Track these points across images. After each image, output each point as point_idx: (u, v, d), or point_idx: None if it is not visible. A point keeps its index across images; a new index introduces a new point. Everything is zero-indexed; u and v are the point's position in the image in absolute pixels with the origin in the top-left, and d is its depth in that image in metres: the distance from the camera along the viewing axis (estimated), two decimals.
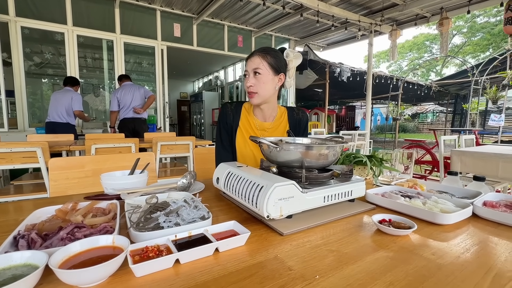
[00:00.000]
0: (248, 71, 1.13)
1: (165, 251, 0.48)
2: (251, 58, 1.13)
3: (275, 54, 1.14)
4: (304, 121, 1.30)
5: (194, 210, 0.64)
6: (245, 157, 1.22)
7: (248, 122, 1.24)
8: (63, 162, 1.24)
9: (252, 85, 1.11)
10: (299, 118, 1.28)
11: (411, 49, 20.89)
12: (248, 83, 1.12)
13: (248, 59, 1.14)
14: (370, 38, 5.35)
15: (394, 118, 7.65)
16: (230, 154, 1.22)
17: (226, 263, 0.49)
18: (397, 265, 0.49)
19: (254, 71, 1.11)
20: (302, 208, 0.68)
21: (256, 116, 1.25)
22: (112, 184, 0.79)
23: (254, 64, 1.11)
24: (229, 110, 1.23)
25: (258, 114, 1.25)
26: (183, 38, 5.60)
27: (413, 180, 1.03)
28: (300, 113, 1.30)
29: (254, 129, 1.23)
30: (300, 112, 1.30)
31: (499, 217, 0.70)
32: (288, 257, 0.51)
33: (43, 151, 2.16)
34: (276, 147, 0.77)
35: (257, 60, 1.11)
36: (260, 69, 1.10)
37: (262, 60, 1.11)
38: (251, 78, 1.11)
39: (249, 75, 1.12)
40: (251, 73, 1.12)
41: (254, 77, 1.11)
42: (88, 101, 5.41)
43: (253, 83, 1.11)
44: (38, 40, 4.58)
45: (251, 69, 1.11)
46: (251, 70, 1.12)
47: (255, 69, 1.10)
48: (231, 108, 1.24)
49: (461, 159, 2.63)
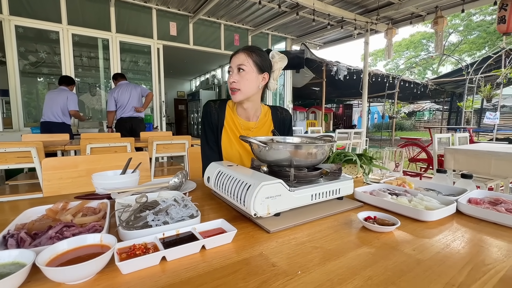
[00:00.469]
0: (232, 67, 1.12)
1: (152, 249, 0.50)
2: (236, 54, 1.12)
3: (261, 53, 1.13)
4: (288, 120, 1.30)
5: (183, 209, 0.66)
6: (231, 157, 1.21)
7: (233, 121, 1.22)
8: (56, 162, 1.24)
9: (235, 81, 1.09)
10: (283, 117, 1.29)
11: (408, 48, 20.98)
12: (231, 79, 1.10)
13: (233, 56, 1.13)
14: (366, 36, 5.37)
15: (390, 117, 7.70)
16: (216, 154, 1.20)
17: (211, 260, 0.50)
18: (377, 260, 0.51)
19: (238, 67, 1.09)
20: (289, 206, 0.70)
21: (240, 115, 1.24)
22: (103, 184, 0.80)
23: (239, 60, 1.10)
24: (213, 109, 1.20)
25: (242, 114, 1.24)
26: (180, 37, 5.59)
27: (402, 178, 1.04)
28: (283, 112, 1.30)
29: (239, 129, 1.22)
30: (283, 111, 1.30)
31: (481, 214, 0.72)
32: (273, 253, 0.53)
33: (38, 151, 2.16)
34: (265, 146, 0.78)
35: (242, 57, 1.10)
36: (245, 65, 1.09)
37: (247, 57, 1.10)
38: (234, 74, 1.10)
39: (233, 71, 1.11)
40: (235, 69, 1.10)
41: (238, 73, 1.10)
42: (84, 100, 5.39)
43: (236, 79, 1.09)
44: (33, 39, 4.54)
45: (235, 65, 1.10)
46: (235, 66, 1.10)
47: (240, 65, 1.09)
48: (215, 107, 1.21)
49: (454, 157, 2.66)
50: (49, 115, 3.58)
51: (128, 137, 3.74)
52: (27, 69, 4.65)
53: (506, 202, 0.79)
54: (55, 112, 3.59)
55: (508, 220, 0.67)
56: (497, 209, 0.73)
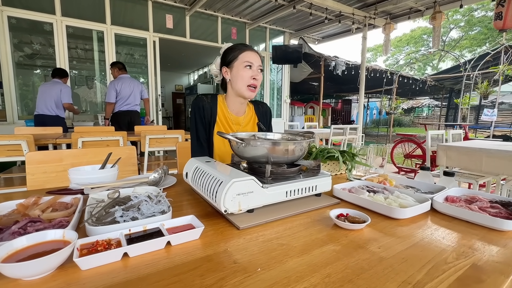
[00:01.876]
0: (253, 64, 1.12)
1: (115, 245, 0.50)
2: (254, 52, 1.15)
3: None
4: (269, 112, 1.36)
5: (155, 205, 0.66)
6: (223, 153, 1.21)
7: (225, 117, 1.22)
8: (41, 156, 1.24)
9: (258, 79, 1.14)
10: (264, 110, 1.34)
11: (408, 43, 20.83)
12: (257, 76, 1.13)
13: (249, 51, 1.13)
14: (364, 31, 5.33)
15: (387, 113, 7.68)
16: (206, 151, 1.19)
17: (174, 257, 0.50)
18: (340, 258, 0.51)
19: (260, 68, 1.15)
20: (262, 203, 0.70)
21: (231, 110, 1.24)
22: (79, 179, 0.79)
23: (259, 61, 1.15)
24: (206, 104, 1.18)
25: (233, 109, 1.24)
26: (176, 29, 5.52)
27: (384, 175, 1.05)
28: (264, 106, 1.36)
29: (230, 124, 1.23)
30: (264, 105, 1.36)
31: (454, 212, 0.72)
32: (237, 250, 0.53)
33: (28, 144, 2.15)
34: (242, 143, 0.78)
35: (259, 58, 1.16)
36: (261, 67, 1.16)
37: (259, 59, 1.17)
38: (257, 72, 1.13)
39: (254, 68, 1.13)
40: (256, 67, 1.13)
41: (259, 73, 1.15)
42: (82, 93, 5.35)
43: (259, 78, 1.14)
44: (27, 31, 4.49)
45: (257, 64, 1.13)
46: (257, 65, 1.13)
47: (260, 66, 1.15)
48: (207, 101, 1.19)
49: (446, 154, 2.66)
50: (42, 108, 3.56)
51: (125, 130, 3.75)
52: (22, 61, 4.60)
53: (481, 200, 0.79)
54: (49, 105, 3.56)
55: (479, 218, 0.68)
56: (470, 207, 0.73)
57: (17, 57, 4.50)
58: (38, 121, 3.60)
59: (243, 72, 1.11)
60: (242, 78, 1.11)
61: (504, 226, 0.64)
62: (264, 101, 7.05)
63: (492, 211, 0.73)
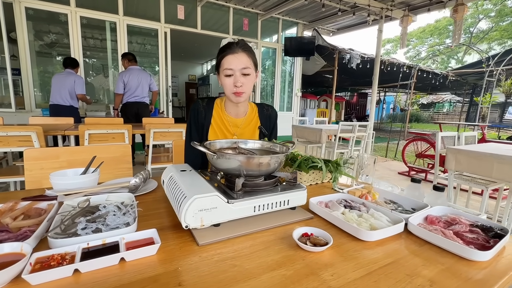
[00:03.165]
0: (233, 70, 1.06)
1: (69, 260, 0.52)
2: (236, 54, 1.06)
3: (253, 50, 1.12)
4: (274, 116, 1.32)
5: (121, 216, 0.67)
6: None
7: (221, 119, 1.22)
8: (38, 152, 1.29)
9: (242, 84, 1.07)
10: (268, 113, 1.31)
11: (432, 34, 19.73)
12: (238, 83, 1.06)
13: (230, 54, 1.06)
14: (380, 24, 5.09)
15: (401, 109, 7.39)
16: (199, 155, 1.19)
17: (124, 274, 0.52)
18: (287, 285, 0.51)
19: (244, 72, 1.07)
20: (227, 218, 0.70)
21: (229, 113, 1.23)
22: (60, 184, 0.83)
23: (242, 63, 1.06)
24: (201, 107, 1.20)
25: (231, 111, 1.23)
26: (187, 20, 5.51)
27: (368, 187, 1.02)
28: (269, 109, 1.32)
29: (227, 126, 1.23)
30: (269, 108, 1.33)
31: (426, 236, 0.70)
32: (188, 270, 0.54)
33: (38, 135, 2.25)
34: (213, 155, 0.78)
35: (244, 59, 1.07)
36: (249, 68, 1.07)
37: (248, 58, 1.08)
38: (240, 77, 1.07)
39: (235, 74, 1.06)
40: (238, 72, 1.06)
41: (243, 77, 1.07)
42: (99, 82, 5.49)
43: (243, 82, 1.07)
44: (44, 20, 4.62)
45: (239, 68, 1.06)
46: (239, 69, 1.06)
47: (245, 68, 1.06)
48: (202, 105, 1.20)
49: (456, 157, 2.56)
50: (57, 98, 3.69)
51: (133, 121, 3.84)
52: (42, 50, 4.75)
53: (461, 223, 0.76)
54: (63, 95, 3.69)
55: (450, 245, 0.65)
56: (444, 232, 0.70)
57: (37, 45, 4.66)
58: (53, 110, 3.74)
59: (224, 81, 1.09)
60: (225, 87, 1.10)
61: (474, 256, 0.61)
62: (274, 93, 6.98)
63: (469, 237, 0.70)
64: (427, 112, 18.72)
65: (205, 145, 0.84)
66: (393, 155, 6.25)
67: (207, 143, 0.90)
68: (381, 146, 7.65)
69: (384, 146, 6.84)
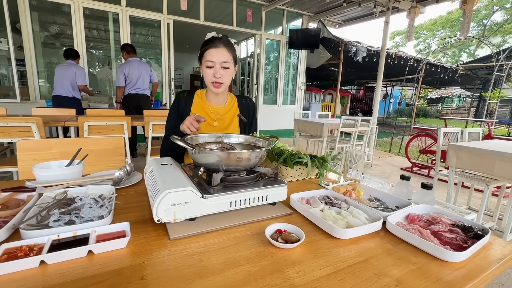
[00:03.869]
0: (214, 62, 1.15)
1: (37, 251, 0.53)
2: (218, 48, 1.15)
3: (234, 46, 1.22)
4: (252, 106, 1.42)
5: (97, 209, 0.68)
6: None
7: (202, 107, 1.31)
8: (31, 144, 1.31)
9: (221, 76, 1.17)
10: (247, 103, 1.41)
11: (443, 26, 19.11)
12: (217, 75, 1.16)
13: (212, 48, 1.15)
14: (387, 15, 4.95)
15: (407, 103, 7.25)
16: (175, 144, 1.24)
17: (90, 267, 0.52)
18: (249, 282, 0.51)
19: (223, 65, 1.16)
20: (202, 213, 0.70)
21: (210, 101, 1.33)
22: (43, 176, 0.84)
23: (223, 57, 1.15)
24: (182, 98, 1.30)
25: (212, 99, 1.33)
26: (190, 12, 5.45)
27: (354, 184, 1.01)
28: (247, 100, 1.42)
29: (208, 112, 1.31)
30: (247, 99, 1.43)
31: (402, 235, 0.69)
32: (154, 264, 0.54)
33: (38, 126, 2.29)
34: (192, 149, 0.78)
35: (225, 53, 1.16)
36: (228, 62, 1.17)
37: (228, 53, 1.17)
38: (219, 70, 1.16)
39: (216, 66, 1.15)
40: (219, 65, 1.15)
41: (222, 69, 1.16)
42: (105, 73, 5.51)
43: (222, 74, 1.17)
44: (47, 11, 4.63)
45: (219, 61, 1.15)
46: (219, 62, 1.15)
47: (224, 62, 1.16)
48: (183, 96, 1.31)
49: (457, 154, 2.51)
50: (60, 89, 3.72)
51: (134, 113, 3.86)
52: (46, 41, 4.77)
53: (442, 222, 0.75)
54: (66, 86, 3.72)
55: (424, 245, 0.64)
56: (421, 231, 0.69)
57: (42, 36, 4.69)
58: (55, 102, 3.78)
59: (205, 72, 1.18)
60: (205, 77, 1.19)
61: (447, 257, 0.60)
62: (277, 87, 6.92)
63: (447, 236, 0.69)
64: (435, 107, 18.33)
65: (186, 140, 0.84)
66: (397, 150, 6.17)
67: (188, 137, 0.90)
68: (385, 141, 7.55)
69: (389, 141, 6.75)
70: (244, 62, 9.38)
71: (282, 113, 7.01)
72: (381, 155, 5.77)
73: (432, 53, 11.40)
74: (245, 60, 9.27)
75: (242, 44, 9.18)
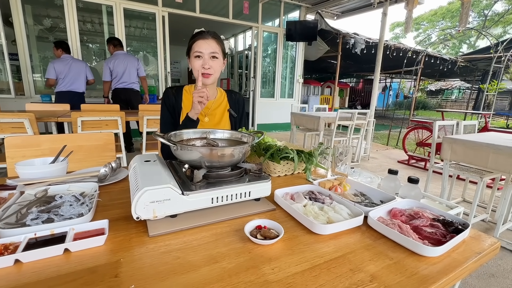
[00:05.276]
0: (202, 53, 1.16)
1: (12, 250, 0.53)
2: (207, 40, 1.16)
3: (222, 41, 1.23)
4: (241, 101, 1.44)
5: (77, 207, 0.68)
6: None
7: (191, 103, 1.28)
8: (19, 140, 1.30)
9: (210, 67, 1.18)
10: (236, 98, 1.42)
11: (444, 17, 18.86)
12: (206, 65, 1.16)
13: (201, 39, 1.16)
14: (385, 6, 4.88)
15: (405, 96, 7.21)
16: None
17: (65, 265, 0.52)
18: (224, 278, 0.51)
19: (212, 55, 1.17)
20: (182, 210, 0.70)
21: None
22: (26, 174, 0.83)
23: (211, 48, 1.17)
24: (171, 94, 1.31)
25: None
26: (186, 4, 5.37)
27: (341, 179, 1.01)
28: (237, 95, 1.44)
29: None
30: (236, 94, 1.44)
31: (382, 230, 0.69)
32: (129, 262, 0.54)
33: (30, 122, 2.27)
34: (174, 146, 0.77)
35: (213, 44, 1.17)
36: (217, 53, 1.18)
37: (217, 45, 1.19)
38: (208, 60, 1.17)
39: (204, 57, 1.17)
40: (207, 56, 1.16)
41: (211, 59, 1.18)
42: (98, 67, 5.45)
43: (211, 65, 1.18)
44: (40, 4, 4.55)
45: (208, 52, 1.16)
46: (207, 53, 1.16)
47: (213, 53, 1.17)
48: (172, 92, 1.32)
49: (452, 147, 2.51)
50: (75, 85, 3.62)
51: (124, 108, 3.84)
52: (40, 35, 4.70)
53: (423, 217, 0.75)
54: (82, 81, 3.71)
55: (403, 240, 0.64)
56: (401, 226, 0.69)
57: (36, 30, 4.62)
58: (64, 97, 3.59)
59: (194, 63, 1.18)
60: (194, 68, 1.19)
61: (424, 252, 0.60)
62: (275, 80, 6.87)
63: (427, 231, 0.69)
64: (435, 99, 18.25)
65: (168, 137, 0.83)
66: (394, 143, 6.18)
67: (172, 133, 0.89)
68: (383, 134, 7.55)
69: (387, 134, 6.75)
70: (242, 55, 9.29)
71: (280, 106, 6.98)
72: (379, 148, 5.77)
73: (432, 44, 11.27)
74: (242, 53, 9.18)
75: (239, 37, 9.09)
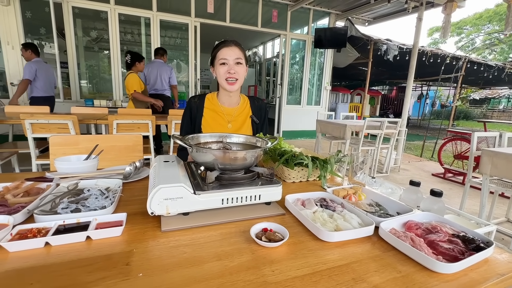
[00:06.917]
0: (227, 59, 1.22)
1: (43, 233, 0.60)
2: (230, 47, 1.23)
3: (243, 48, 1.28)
4: (263, 107, 1.46)
5: (101, 200, 0.75)
6: None
7: (214, 109, 1.35)
8: (62, 139, 1.46)
9: (236, 72, 1.23)
10: (259, 105, 1.45)
11: (490, 20, 17.42)
12: (232, 70, 1.23)
13: (226, 47, 1.22)
14: (421, 11, 4.66)
15: (442, 105, 6.74)
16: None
17: (86, 250, 0.58)
18: (224, 275, 0.53)
19: (237, 61, 1.23)
20: (194, 208, 0.74)
21: (223, 103, 1.37)
22: (62, 168, 0.94)
23: (236, 54, 1.23)
24: (193, 104, 1.36)
25: (225, 101, 1.37)
26: (217, 14, 5.60)
27: (357, 188, 0.98)
28: (259, 101, 1.46)
29: (220, 114, 1.35)
30: (259, 100, 1.47)
31: (393, 242, 0.66)
32: (141, 253, 0.59)
33: (73, 123, 2.52)
34: (190, 148, 0.82)
35: (237, 51, 1.24)
36: (241, 59, 1.24)
37: (241, 52, 1.25)
38: (233, 66, 1.23)
39: (229, 63, 1.22)
40: (232, 62, 1.22)
41: (236, 65, 1.23)
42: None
43: (236, 70, 1.24)
44: (88, 18, 5.04)
45: (232, 58, 1.22)
46: (232, 59, 1.22)
47: (238, 59, 1.23)
48: (194, 101, 1.36)
49: (492, 161, 2.30)
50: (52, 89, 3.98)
51: (155, 113, 4.07)
52: (87, 45, 5.21)
53: (441, 232, 0.71)
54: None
55: (413, 254, 0.61)
56: (414, 239, 0.66)
57: (84, 41, 5.13)
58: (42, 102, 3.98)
59: (219, 70, 1.24)
60: (219, 75, 1.25)
61: (436, 267, 0.57)
62: (302, 87, 6.84)
63: (443, 247, 0.65)
64: (479, 109, 16.79)
65: (186, 139, 0.88)
66: (429, 155, 5.79)
67: (189, 136, 0.94)
68: (417, 144, 7.10)
69: (421, 144, 6.35)
70: (270, 62, 9.40)
71: (306, 113, 6.91)
72: (411, 159, 5.44)
73: (476, 50, 10.47)
74: (270, 61, 9.29)
75: (267, 45, 9.23)
